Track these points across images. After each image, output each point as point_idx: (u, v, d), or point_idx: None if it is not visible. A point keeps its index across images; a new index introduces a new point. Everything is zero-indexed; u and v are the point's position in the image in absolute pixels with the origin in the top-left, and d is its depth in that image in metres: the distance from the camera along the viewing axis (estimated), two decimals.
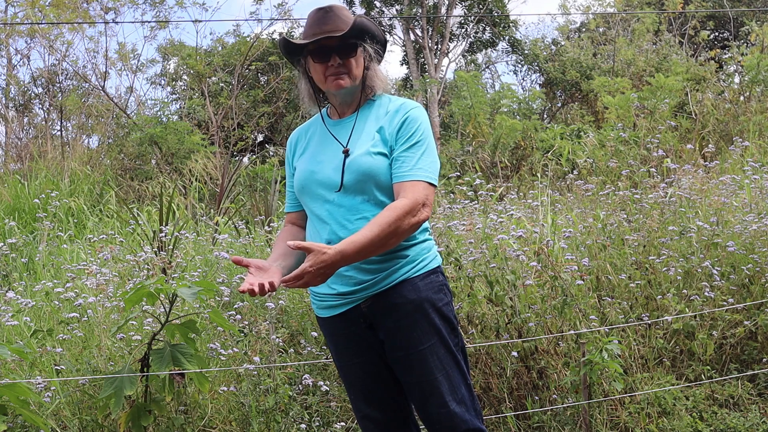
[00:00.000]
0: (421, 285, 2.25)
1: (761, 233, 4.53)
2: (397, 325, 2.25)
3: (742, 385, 3.97)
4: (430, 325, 2.25)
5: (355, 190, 2.23)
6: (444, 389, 2.25)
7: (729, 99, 9.93)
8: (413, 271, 2.26)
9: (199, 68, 13.10)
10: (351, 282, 2.25)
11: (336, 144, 2.31)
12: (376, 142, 2.26)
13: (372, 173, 2.22)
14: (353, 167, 2.23)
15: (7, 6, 14.61)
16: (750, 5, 16.98)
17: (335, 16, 2.28)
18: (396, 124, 2.27)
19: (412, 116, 2.27)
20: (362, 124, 2.32)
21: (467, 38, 18.96)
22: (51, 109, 14.42)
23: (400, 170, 2.22)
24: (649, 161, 6.80)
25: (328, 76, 2.28)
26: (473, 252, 4.22)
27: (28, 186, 8.57)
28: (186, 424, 3.55)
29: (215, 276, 4.65)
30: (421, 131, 2.27)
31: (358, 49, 2.29)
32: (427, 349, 2.24)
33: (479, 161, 9.93)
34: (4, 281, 5.47)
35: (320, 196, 2.28)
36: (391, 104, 2.34)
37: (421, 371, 2.25)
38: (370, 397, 2.38)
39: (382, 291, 2.24)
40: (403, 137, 2.25)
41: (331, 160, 2.29)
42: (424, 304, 2.25)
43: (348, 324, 2.31)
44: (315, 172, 2.30)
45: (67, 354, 3.74)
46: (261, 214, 7.12)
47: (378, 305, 2.25)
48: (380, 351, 2.32)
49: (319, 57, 2.27)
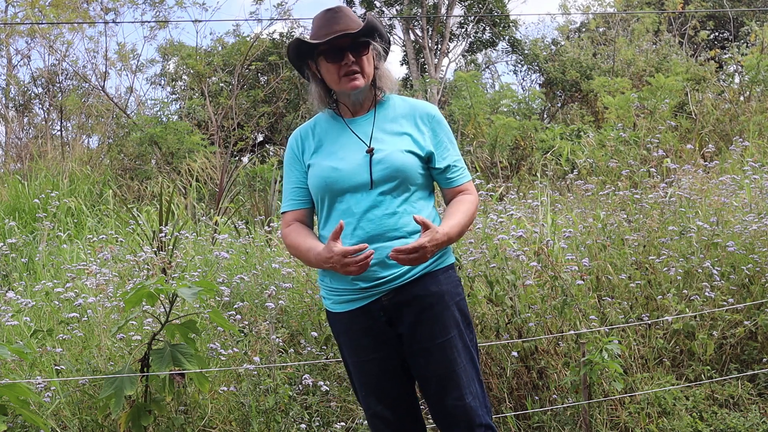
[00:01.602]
0: (442, 278, 2.32)
1: (761, 233, 4.53)
2: (420, 318, 2.28)
3: (742, 385, 3.97)
4: (450, 318, 2.30)
5: (385, 186, 2.28)
6: (462, 382, 2.29)
7: (729, 99, 9.92)
8: (434, 264, 2.31)
9: (199, 68, 13.09)
10: (374, 276, 2.27)
11: (358, 142, 2.34)
12: (406, 142, 2.34)
13: (403, 170, 2.29)
14: (384, 164, 2.28)
15: (7, 6, 14.61)
16: (750, 5, 16.98)
17: (345, 16, 2.31)
18: (431, 129, 2.40)
19: (440, 118, 2.43)
20: (382, 122, 2.36)
21: (467, 38, 18.95)
22: (51, 109, 14.41)
23: (458, 173, 2.43)
24: (649, 161, 6.80)
25: (343, 76, 2.31)
26: (473, 252, 4.22)
27: (28, 186, 8.56)
28: (186, 424, 3.55)
29: (215, 276, 4.65)
30: (450, 131, 2.45)
31: (369, 47, 2.33)
32: (447, 342, 2.29)
33: (479, 161, 9.93)
34: (4, 281, 5.47)
35: (347, 192, 2.30)
36: (407, 105, 2.42)
37: (440, 363, 2.29)
38: (381, 395, 2.39)
39: (404, 284, 2.28)
40: (442, 142, 2.40)
41: (355, 157, 2.32)
42: (446, 296, 2.30)
43: (367, 318, 2.33)
44: (339, 169, 2.32)
45: (67, 354, 3.74)
46: (261, 214, 7.12)
47: (400, 297, 2.28)
48: (397, 346, 2.34)
49: (333, 57, 2.30)
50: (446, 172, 2.39)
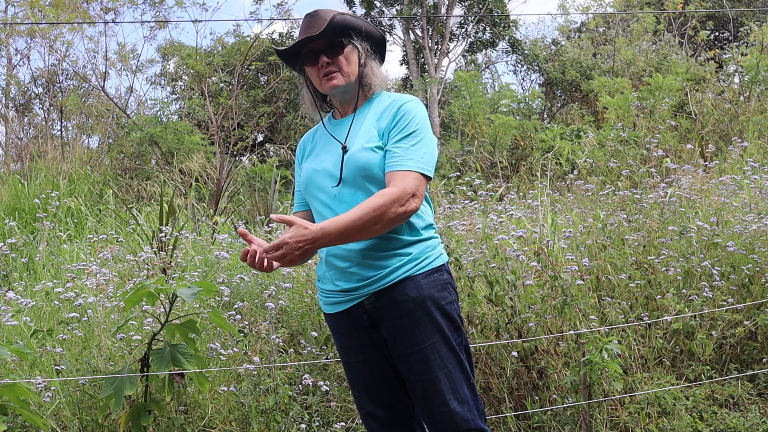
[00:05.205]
0: (424, 283, 2.26)
1: (761, 233, 4.53)
2: (399, 323, 2.26)
3: (742, 385, 3.97)
4: (432, 323, 2.25)
5: (355, 185, 2.26)
6: (445, 388, 2.25)
7: (729, 99, 9.92)
8: (416, 268, 2.26)
9: (199, 68, 13.09)
10: (354, 278, 2.27)
11: (336, 143, 2.35)
12: (372, 136, 2.29)
13: (367, 167, 2.25)
14: (351, 162, 2.27)
15: (7, 6, 14.61)
16: (750, 5, 16.97)
17: (319, 19, 2.33)
18: (390, 117, 2.29)
19: (405, 109, 2.29)
20: (360, 120, 2.35)
21: (467, 38, 18.95)
22: (51, 109, 14.41)
23: (392, 160, 2.23)
24: (648, 161, 6.81)
25: (322, 77, 2.33)
26: (473, 252, 4.23)
27: (27, 186, 8.56)
28: (186, 424, 3.55)
29: (215, 276, 4.65)
30: (416, 123, 2.27)
31: (345, 47, 2.33)
32: (428, 348, 2.25)
33: (479, 161, 9.93)
34: (4, 281, 5.47)
35: (322, 192, 2.32)
36: (387, 99, 2.37)
37: (422, 369, 2.25)
38: (373, 395, 2.39)
39: (384, 288, 2.25)
40: (396, 129, 2.27)
41: (332, 157, 2.33)
42: (427, 301, 2.25)
43: (352, 321, 2.33)
44: (317, 170, 2.35)
45: (67, 354, 3.74)
46: (261, 214, 7.12)
47: (380, 302, 2.26)
48: (384, 348, 2.33)
49: (309, 60, 2.35)
50: (385, 156, 2.25)
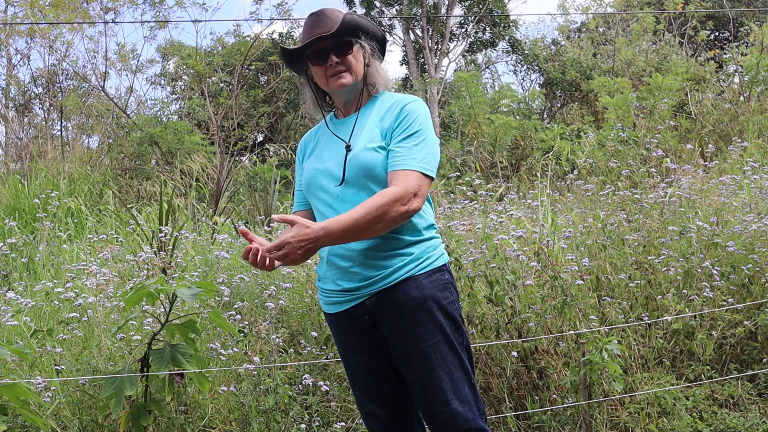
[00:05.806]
0: (426, 283, 2.26)
1: (761, 233, 4.53)
2: (401, 323, 2.26)
3: (742, 385, 3.97)
4: (433, 323, 2.26)
5: (357, 185, 2.26)
6: (446, 388, 2.25)
7: (729, 99, 9.92)
8: (418, 268, 2.26)
9: (199, 68, 13.09)
10: (356, 278, 2.27)
11: (339, 142, 2.34)
12: (375, 136, 2.29)
13: (370, 167, 2.25)
14: (353, 162, 2.26)
15: (7, 6, 14.61)
16: (750, 5, 16.98)
17: (327, 18, 2.32)
18: (393, 117, 2.29)
19: (409, 109, 2.29)
20: (364, 120, 2.35)
21: (467, 38, 18.94)
22: (51, 109, 14.41)
23: (394, 160, 2.23)
24: (648, 161, 6.81)
25: (330, 76, 2.33)
26: (473, 252, 4.22)
27: (27, 186, 8.56)
28: (186, 424, 3.55)
29: (215, 276, 4.65)
30: (419, 123, 2.27)
31: (354, 46, 2.33)
32: (429, 347, 2.25)
33: (479, 161, 9.93)
34: (4, 281, 5.47)
35: (324, 191, 2.32)
36: (390, 100, 2.37)
37: (423, 369, 2.26)
38: (373, 395, 2.39)
39: (386, 288, 2.25)
40: (399, 129, 2.27)
41: (335, 156, 2.33)
42: (428, 301, 2.25)
43: (353, 321, 2.32)
44: (319, 169, 2.34)
45: (67, 354, 3.74)
46: (261, 214, 7.12)
47: (382, 302, 2.26)
48: (384, 348, 2.33)
49: (317, 60, 2.33)
50: (388, 156, 2.25)
